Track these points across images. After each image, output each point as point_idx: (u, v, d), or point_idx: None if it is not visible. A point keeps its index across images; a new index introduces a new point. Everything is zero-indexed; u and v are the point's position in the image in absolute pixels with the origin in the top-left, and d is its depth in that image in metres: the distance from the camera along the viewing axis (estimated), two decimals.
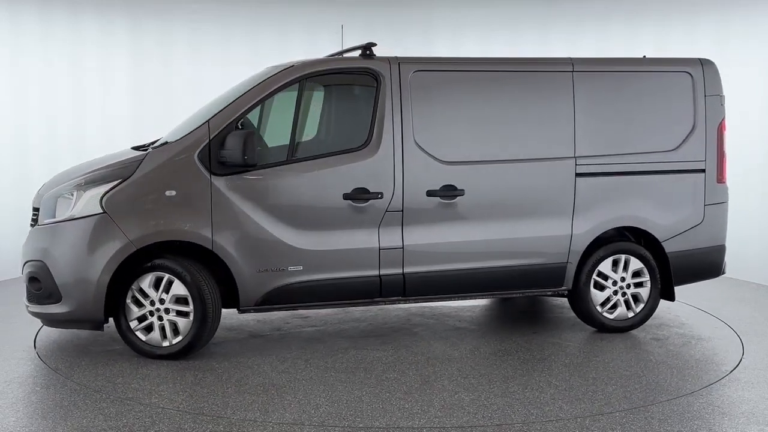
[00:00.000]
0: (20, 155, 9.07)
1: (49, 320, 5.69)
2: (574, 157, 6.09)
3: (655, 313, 6.46)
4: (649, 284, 6.32)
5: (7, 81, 8.98)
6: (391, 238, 5.77)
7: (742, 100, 8.33)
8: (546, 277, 6.13)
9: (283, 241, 5.59)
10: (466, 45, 10.02)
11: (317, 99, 6.24)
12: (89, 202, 5.45)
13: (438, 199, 5.82)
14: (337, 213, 5.68)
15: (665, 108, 6.32)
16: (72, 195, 5.53)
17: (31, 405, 4.61)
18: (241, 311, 5.66)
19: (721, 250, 6.54)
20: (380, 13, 10.29)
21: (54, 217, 5.59)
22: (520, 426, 4.32)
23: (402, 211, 5.77)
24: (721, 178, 6.44)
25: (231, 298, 5.68)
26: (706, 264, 6.52)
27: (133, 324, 5.51)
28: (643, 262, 6.29)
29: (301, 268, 5.62)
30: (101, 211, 5.41)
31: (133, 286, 5.48)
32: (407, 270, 5.82)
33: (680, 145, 6.31)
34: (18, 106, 9.08)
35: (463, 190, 5.85)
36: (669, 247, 6.31)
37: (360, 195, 5.67)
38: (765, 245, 8.74)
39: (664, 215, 6.28)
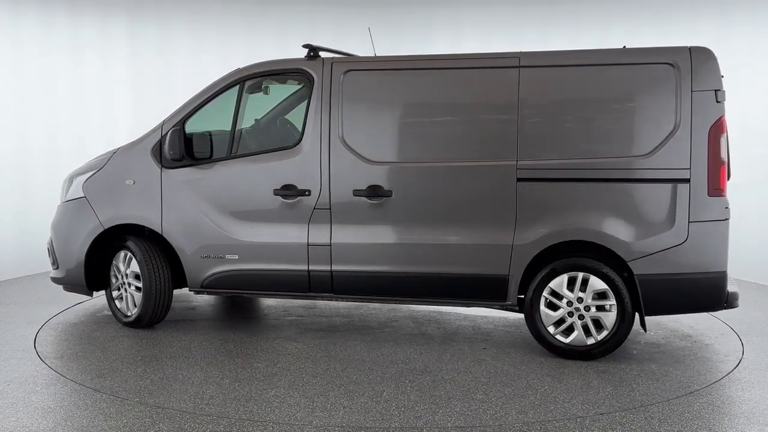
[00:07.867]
0: (20, 156, 9.07)
1: (59, 284, 6.65)
2: (516, 160, 5.51)
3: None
4: (615, 309, 5.41)
5: (8, 81, 8.98)
6: (319, 235, 5.84)
7: (745, 96, 8.23)
8: (483, 289, 5.65)
9: (221, 231, 6.03)
10: (466, 45, 10.02)
11: (257, 99, 6.44)
12: (76, 187, 6.46)
13: (365, 199, 5.74)
14: (268, 208, 5.95)
15: (638, 106, 5.43)
16: (73, 180, 6.53)
17: (31, 405, 4.60)
18: (196, 292, 6.28)
19: (717, 278, 5.34)
20: (380, 13, 10.29)
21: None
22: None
23: (330, 209, 5.82)
24: (715, 189, 5.28)
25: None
26: (696, 293, 5.40)
27: (114, 294, 6.45)
28: (607, 283, 5.41)
29: (237, 257, 6.01)
30: (82, 195, 6.36)
31: (113, 261, 6.40)
32: (335, 268, 5.83)
33: (656, 149, 5.32)
34: (18, 107, 9.08)
35: (390, 191, 5.69)
36: (638, 269, 5.34)
37: (288, 191, 5.86)
38: (765, 245, 8.73)
39: (630, 231, 5.35)
